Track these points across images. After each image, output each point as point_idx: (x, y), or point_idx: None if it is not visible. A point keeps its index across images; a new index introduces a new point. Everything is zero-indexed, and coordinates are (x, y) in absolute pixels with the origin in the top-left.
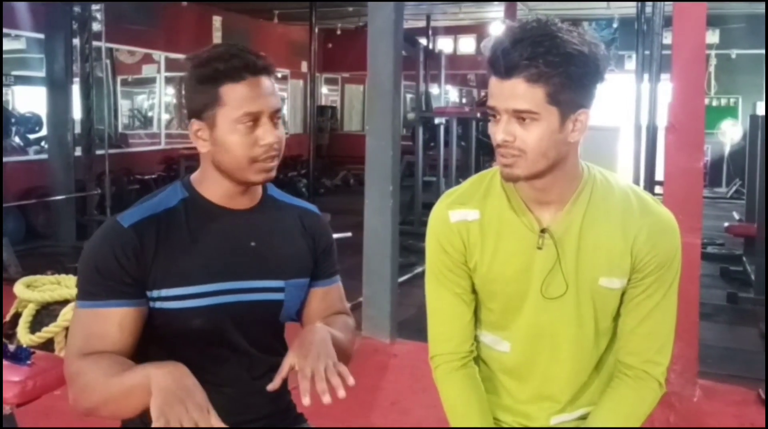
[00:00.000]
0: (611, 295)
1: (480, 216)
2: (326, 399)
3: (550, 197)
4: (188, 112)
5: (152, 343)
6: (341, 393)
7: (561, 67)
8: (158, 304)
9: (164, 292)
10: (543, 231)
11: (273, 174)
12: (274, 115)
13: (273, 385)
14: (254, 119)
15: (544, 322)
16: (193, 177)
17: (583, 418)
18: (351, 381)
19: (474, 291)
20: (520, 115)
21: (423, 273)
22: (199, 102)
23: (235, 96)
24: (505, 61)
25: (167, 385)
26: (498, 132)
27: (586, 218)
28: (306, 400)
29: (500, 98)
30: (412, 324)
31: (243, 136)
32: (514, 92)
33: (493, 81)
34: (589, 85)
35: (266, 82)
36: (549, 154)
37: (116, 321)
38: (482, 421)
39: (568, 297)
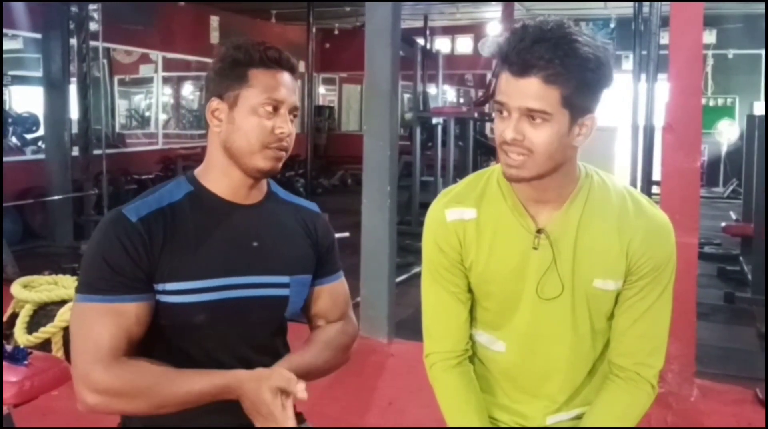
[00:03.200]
0: (606, 296)
1: (477, 215)
2: None
3: (547, 197)
4: (210, 93)
5: (156, 338)
6: None
7: (578, 70)
8: (163, 298)
9: (169, 286)
10: (539, 231)
11: (279, 165)
12: (293, 111)
13: None
14: (275, 107)
15: (539, 323)
16: (198, 171)
17: (579, 417)
18: None
19: (470, 290)
20: (531, 115)
21: (421, 273)
22: (224, 82)
23: (262, 81)
24: (523, 58)
25: (261, 397)
26: (507, 129)
27: (582, 219)
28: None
29: (513, 96)
30: (409, 324)
31: (261, 120)
32: (528, 91)
33: (506, 77)
34: (600, 90)
35: (291, 79)
36: (555, 156)
37: (134, 315)
38: (479, 418)
39: (563, 298)
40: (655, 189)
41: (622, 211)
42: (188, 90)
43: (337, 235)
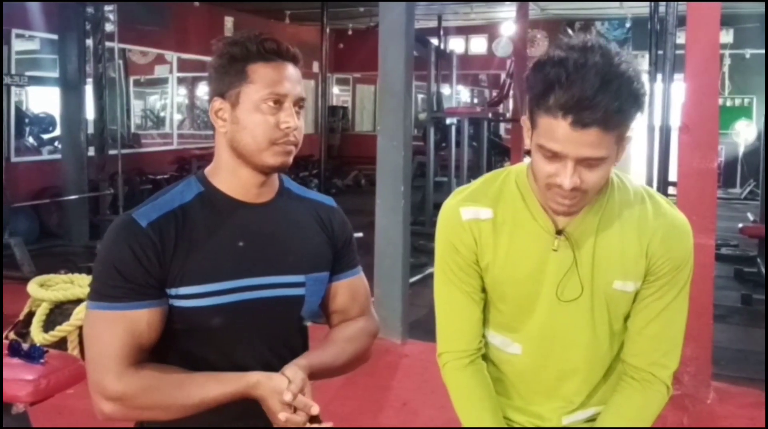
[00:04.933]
0: (625, 297)
1: (493, 215)
2: None
3: None
4: (211, 92)
5: (171, 343)
6: None
7: (634, 110)
8: (176, 303)
9: (182, 291)
10: (559, 232)
11: (290, 160)
12: (298, 103)
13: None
14: (278, 102)
15: (557, 325)
16: (208, 170)
17: (594, 417)
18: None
19: (484, 290)
20: (590, 161)
21: (434, 274)
22: (224, 80)
23: (263, 75)
24: (587, 113)
25: (270, 406)
26: (566, 179)
27: (602, 221)
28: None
29: (571, 146)
30: (423, 324)
31: (266, 116)
32: (589, 141)
33: (561, 126)
34: None
35: (294, 70)
36: (603, 183)
37: (145, 322)
38: (492, 416)
39: (582, 300)
40: (671, 190)
41: (641, 211)
42: (203, 90)
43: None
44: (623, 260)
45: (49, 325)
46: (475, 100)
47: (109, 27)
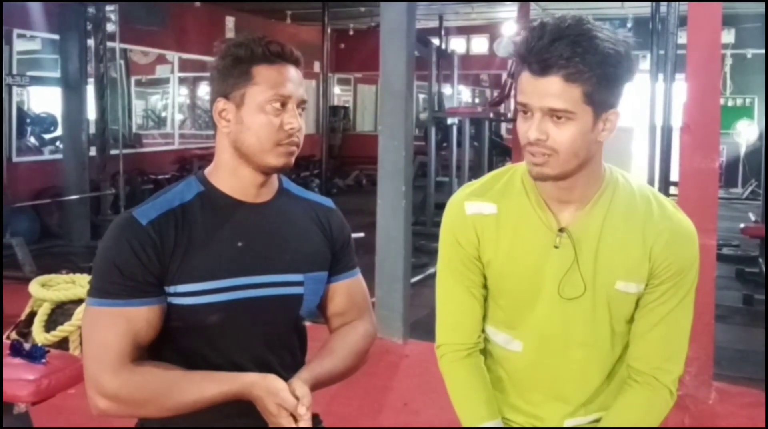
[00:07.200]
0: (627, 299)
1: (497, 211)
2: None
3: (572, 197)
4: (215, 92)
5: (168, 340)
6: None
7: (598, 66)
8: (174, 301)
9: (180, 288)
10: (561, 230)
11: (292, 161)
12: (300, 105)
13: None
14: (282, 103)
15: (557, 323)
16: (208, 170)
17: (597, 421)
18: None
19: (485, 286)
20: (555, 114)
21: (435, 273)
22: (228, 81)
23: (267, 77)
24: (543, 58)
25: (267, 408)
26: (531, 130)
27: (606, 220)
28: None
29: (534, 96)
30: (424, 324)
31: (270, 117)
32: (550, 90)
33: (526, 77)
34: (622, 85)
35: (296, 72)
36: (580, 153)
37: (144, 319)
38: (488, 408)
39: (584, 299)
40: (672, 190)
41: (646, 213)
42: (204, 90)
43: (352, 235)
44: (626, 261)
45: (50, 324)
46: (477, 100)
47: (110, 27)
